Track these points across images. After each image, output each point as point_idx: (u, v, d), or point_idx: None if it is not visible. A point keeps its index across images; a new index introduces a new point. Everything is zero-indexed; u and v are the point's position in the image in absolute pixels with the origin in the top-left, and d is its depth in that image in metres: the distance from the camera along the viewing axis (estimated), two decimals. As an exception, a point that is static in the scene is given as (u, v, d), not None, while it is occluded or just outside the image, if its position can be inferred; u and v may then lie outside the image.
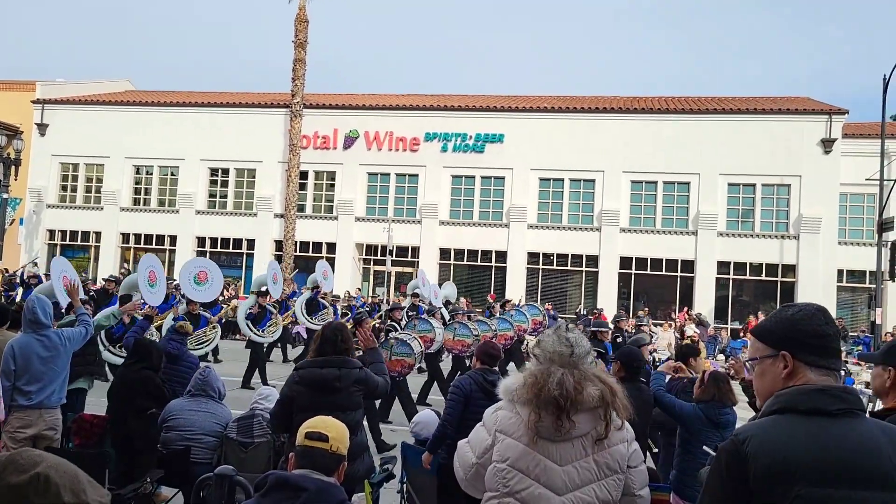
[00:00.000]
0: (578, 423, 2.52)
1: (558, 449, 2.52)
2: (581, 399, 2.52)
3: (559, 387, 2.51)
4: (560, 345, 2.64)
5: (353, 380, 4.32)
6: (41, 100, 29.61)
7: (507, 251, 26.44)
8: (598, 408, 2.53)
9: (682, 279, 25.47)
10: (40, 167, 29.29)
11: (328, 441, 2.58)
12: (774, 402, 1.84)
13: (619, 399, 2.58)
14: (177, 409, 6.00)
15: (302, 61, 27.61)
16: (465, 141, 26.87)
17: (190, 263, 11.13)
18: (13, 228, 27.39)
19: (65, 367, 5.79)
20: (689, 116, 25.71)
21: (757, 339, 1.98)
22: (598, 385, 2.56)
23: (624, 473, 2.58)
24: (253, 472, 4.81)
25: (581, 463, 2.52)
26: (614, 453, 2.56)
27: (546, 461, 2.51)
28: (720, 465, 1.80)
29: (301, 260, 27.39)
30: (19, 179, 26.99)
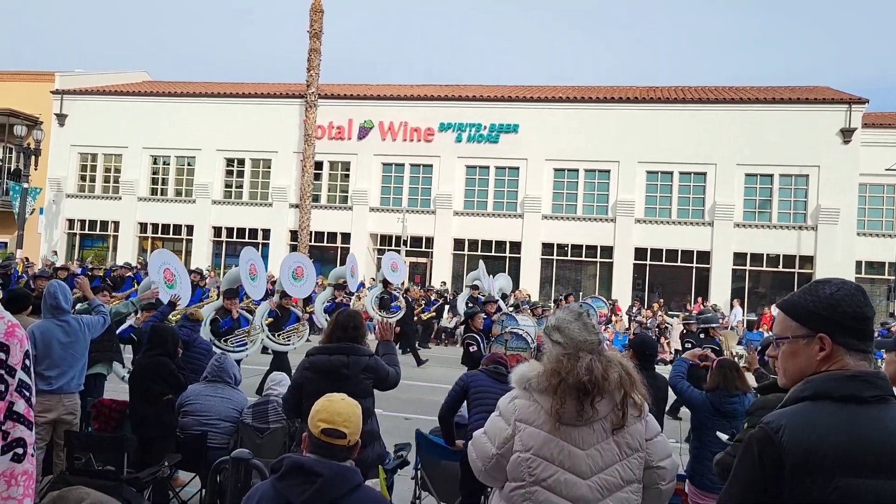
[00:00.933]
0: (599, 408, 2.53)
1: (580, 433, 2.53)
2: (606, 385, 2.52)
3: (588, 372, 2.51)
4: (589, 333, 2.63)
5: (362, 367, 4.34)
6: (60, 90, 29.85)
7: (521, 242, 26.41)
8: (617, 391, 2.54)
9: (698, 270, 25.34)
10: (60, 157, 29.57)
11: (345, 438, 2.60)
12: (805, 388, 1.75)
13: (637, 386, 2.58)
14: (193, 394, 6.09)
15: (317, 51, 27.63)
16: (479, 131, 26.82)
17: (289, 259, 11.05)
18: (33, 218, 27.70)
19: (84, 353, 5.89)
20: (705, 106, 25.51)
21: (789, 316, 1.84)
22: (617, 369, 2.57)
23: (644, 451, 2.59)
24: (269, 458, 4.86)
25: (603, 445, 2.53)
26: (633, 432, 2.57)
27: (569, 447, 2.52)
28: (752, 454, 1.71)
29: (316, 250, 27.51)
30: (39, 169, 27.31)
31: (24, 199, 25.49)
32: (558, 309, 2.88)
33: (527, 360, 9.06)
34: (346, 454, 2.60)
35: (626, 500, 2.55)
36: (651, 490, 2.63)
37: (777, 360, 1.90)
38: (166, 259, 8.73)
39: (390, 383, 4.54)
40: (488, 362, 5.68)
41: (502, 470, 2.61)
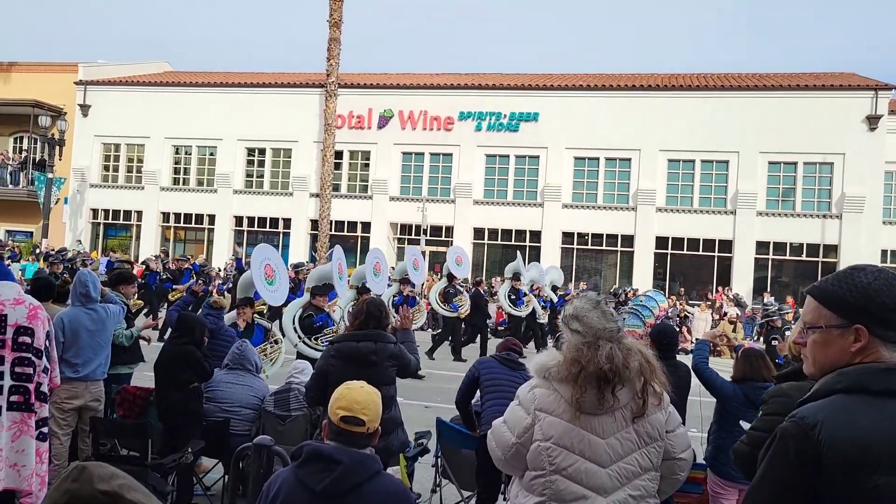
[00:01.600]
0: (620, 396, 2.53)
1: (600, 422, 2.53)
2: (627, 373, 2.53)
3: (609, 360, 2.51)
4: (608, 321, 2.63)
5: (388, 354, 4.39)
6: (84, 81, 30.12)
7: (541, 231, 26.33)
8: (637, 379, 2.54)
9: (720, 259, 25.12)
10: (83, 147, 29.88)
11: (364, 425, 2.61)
12: (839, 380, 1.67)
13: (657, 374, 2.58)
14: (215, 381, 6.16)
15: (337, 41, 27.63)
16: (499, 120, 26.72)
17: (370, 255, 11.06)
18: (58, 208, 28.05)
19: (108, 340, 5.98)
20: (728, 93, 25.20)
21: (823, 305, 1.75)
22: (637, 358, 2.57)
23: (663, 440, 2.59)
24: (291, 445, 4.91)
25: (623, 434, 2.54)
26: (653, 421, 2.58)
27: (589, 435, 2.52)
28: (786, 451, 1.62)
29: (336, 239, 27.57)
30: (63, 159, 27.62)
31: (48, 189, 25.83)
32: (576, 298, 2.88)
33: (640, 337, 8.72)
34: (366, 441, 2.62)
35: (643, 487, 2.56)
36: (669, 479, 2.64)
37: (804, 348, 1.82)
38: (267, 254, 8.43)
39: (411, 371, 4.59)
40: (501, 348, 5.64)
41: (522, 459, 2.63)
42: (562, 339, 2.74)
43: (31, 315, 4.35)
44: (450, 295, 14.77)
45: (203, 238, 29.52)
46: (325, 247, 26.44)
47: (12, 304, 4.29)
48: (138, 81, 30.66)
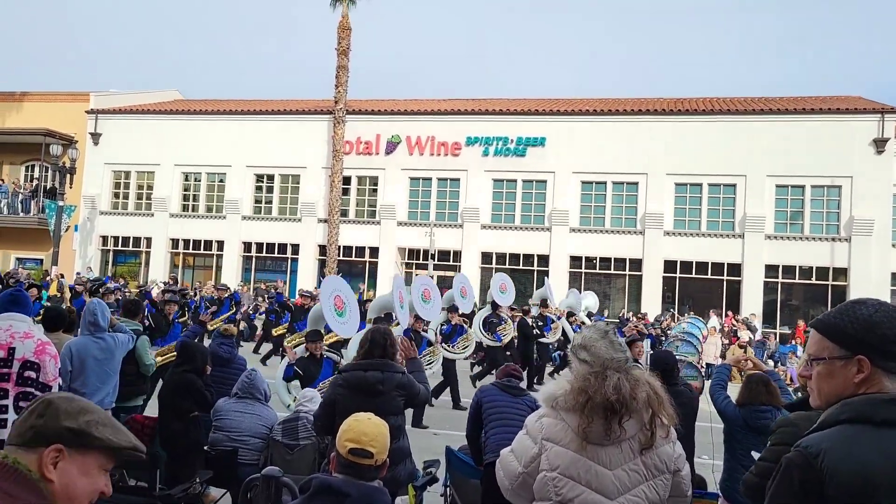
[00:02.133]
0: (627, 427, 2.52)
1: (607, 453, 2.52)
2: (634, 404, 2.51)
3: (616, 391, 2.50)
4: (615, 351, 2.62)
5: (396, 384, 4.35)
6: (95, 110, 30.48)
7: (549, 255, 26.31)
8: (645, 411, 2.53)
9: (729, 283, 25.01)
10: (94, 175, 30.15)
11: (372, 457, 2.61)
12: (843, 411, 1.70)
13: (665, 406, 2.57)
14: (224, 410, 6.14)
15: (345, 68, 27.92)
16: (506, 145, 26.85)
17: (417, 282, 10.73)
18: (68, 235, 28.22)
19: (116, 370, 5.98)
20: (734, 117, 25.28)
21: (826, 337, 1.80)
22: (645, 389, 2.56)
23: (671, 473, 2.57)
24: (299, 474, 4.90)
25: (630, 465, 2.52)
26: (661, 454, 2.56)
27: (596, 466, 2.51)
28: (791, 480, 1.66)
29: (344, 264, 27.67)
30: (74, 187, 27.86)
31: (59, 217, 26.02)
32: (585, 327, 2.87)
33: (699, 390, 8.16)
34: (374, 474, 2.61)
35: None
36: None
37: (810, 380, 1.86)
38: (338, 286, 8.29)
39: (420, 401, 4.56)
40: (501, 375, 5.58)
41: (529, 489, 2.62)
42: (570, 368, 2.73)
43: (39, 350, 4.32)
44: (493, 324, 14.23)
45: (212, 264, 29.62)
46: (333, 272, 26.47)
47: (22, 338, 4.24)
48: (149, 110, 31.00)
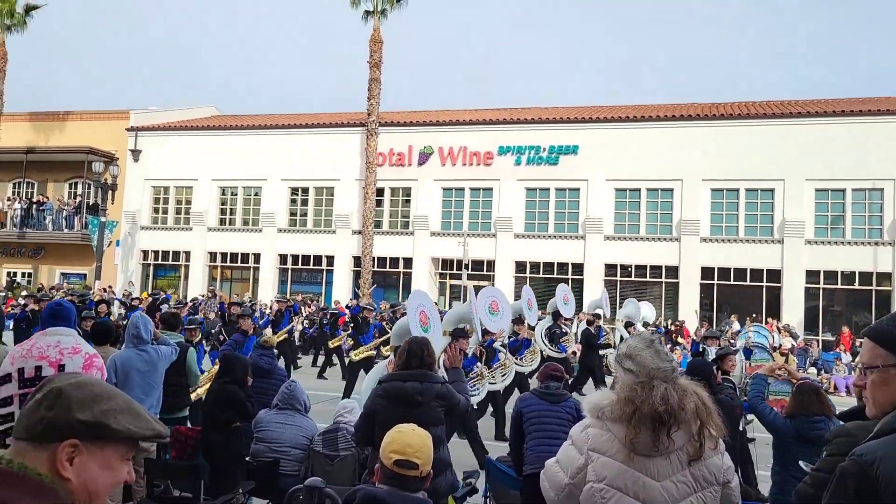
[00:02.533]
0: (675, 439, 2.49)
1: (655, 464, 2.49)
2: (682, 415, 2.48)
3: (664, 402, 2.47)
4: (662, 361, 2.58)
5: (435, 394, 4.34)
6: (134, 127, 31.16)
7: (583, 263, 26.15)
8: (693, 422, 2.50)
9: (769, 289, 24.57)
10: (134, 191, 30.81)
11: (418, 468, 2.63)
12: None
13: (713, 417, 2.53)
14: (265, 421, 6.20)
15: (377, 80, 28.16)
16: (538, 153, 26.80)
17: (483, 293, 10.47)
18: (110, 250, 28.84)
19: (160, 382, 6.10)
20: (770, 121, 24.90)
21: (879, 345, 1.80)
22: (693, 399, 2.53)
23: (721, 485, 2.54)
24: (339, 485, 4.94)
25: (678, 477, 2.49)
26: (710, 465, 2.52)
27: (644, 478, 2.48)
28: (846, 489, 1.64)
29: (379, 275, 27.84)
30: (115, 203, 28.51)
31: (101, 233, 26.64)
32: (631, 337, 2.85)
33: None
34: (419, 485, 2.63)
35: None
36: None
37: (864, 389, 1.85)
38: (422, 301, 8.22)
39: (460, 411, 4.51)
40: (543, 376, 5.49)
41: (575, 500, 2.60)
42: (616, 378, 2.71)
43: (87, 364, 4.38)
44: (556, 335, 14.06)
45: (249, 277, 30.03)
46: (368, 283, 26.65)
47: (70, 353, 4.28)
48: (186, 126, 31.62)
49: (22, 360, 4.18)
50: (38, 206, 31.02)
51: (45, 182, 32.44)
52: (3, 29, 29.73)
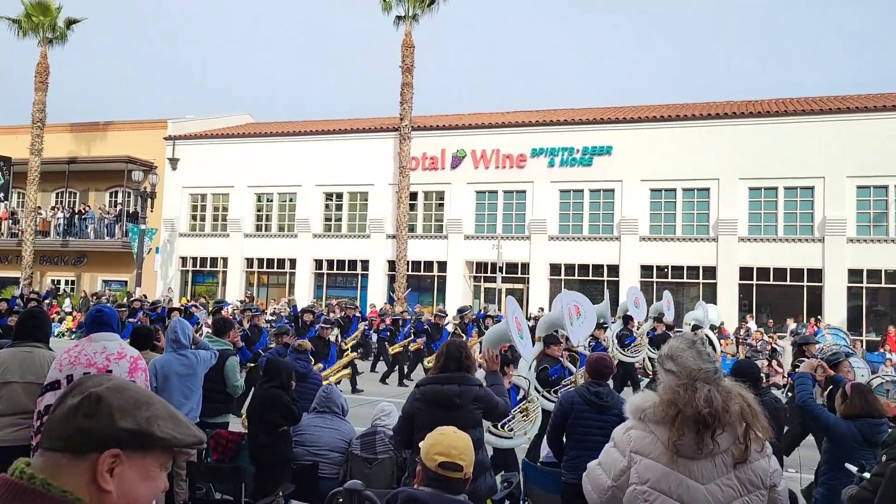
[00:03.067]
0: (720, 441, 2.45)
1: (699, 467, 2.45)
2: (727, 417, 2.45)
3: (707, 404, 2.43)
4: (704, 362, 2.55)
5: (473, 397, 4.34)
6: (172, 136, 31.73)
7: (619, 265, 25.93)
8: (738, 424, 2.46)
9: (809, 289, 24.08)
10: (172, 199, 31.36)
11: (462, 471, 2.63)
12: None
13: (759, 419, 2.49)
14: (303, 425, 6.26)
15: (409, 85, 28.29)
16: (572, 155, 26.65)
17: (567, 297, 9.83)
18: (150, 257, 29.42)
19: (199, 386, 6.20)
20: (808, 117, 24.42)
21: None
22: (738, 401, 2.49)
23: (767, 489, 2.49)
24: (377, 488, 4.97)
25: (723, 480, 2.45)
26: (756, 468, 2.48)
27: (688, 480, 2.45)
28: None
29: (413, 279, 27.93)
30: (155, 211, 29.10)
31: (141, 240, 27.19)
32: (673, 338, 2.82)
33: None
34: (462, 487, 2.63)
35: None
36: None
37: None
38: (515, 308, 7.80)
39: (498, 414, 4.50)
40: (590, 369, 5.18)
41: (618, 502, 2.58)
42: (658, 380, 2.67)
43: (133, 368, 4.46)
44: (628, 339, 13.72)
45: (285, 282, 30.36)
46: (402, 287, 26.76)
47: (116, 359, 4.32)
48: (222, 134, 32.11)
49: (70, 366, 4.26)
50: (80, 215, 31.78)
51: (86, 191, 33.22)
52: (45, 42, 30.53)
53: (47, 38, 30.53)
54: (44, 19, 30.23)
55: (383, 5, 28.67)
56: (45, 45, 30.55)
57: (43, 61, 30.48)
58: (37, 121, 30.12)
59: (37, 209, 30.82)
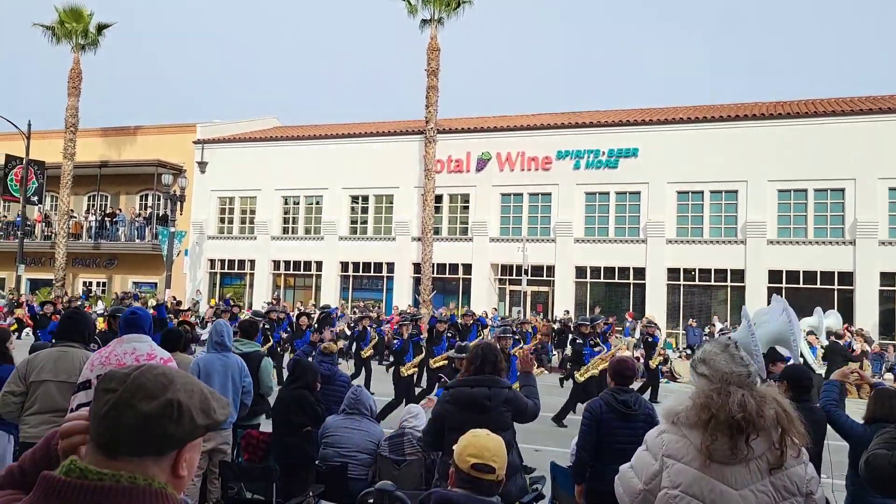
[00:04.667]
0: (754, 446, 2.43)
1: (733, 472, 2.43)
2: (762, 422, 2.42)
3: (741, 409, 2.41)
4: (736, 365, 2.53)
5: (503, 399, 4.36)
6: (201, 140, 32.10)
7: (645, 268, 25.75)
8: (773, 429, 2.44)
9: (840, 292, 23.73)
10: (201, 202, 31.74)
11: (495, 472, 2.64)
12: None
13: (795, 424, 2.46)
14: (332, 426, 6.33)
15: (434, 88, 28.38)
16: (597, 157, 26.53)
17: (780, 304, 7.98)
18: (179, 259, 29.78)
19: (238, 389, 6.32)
20: (839, 118, 24.06)
21: None
22: (773, 406, 2.46)
23: (804, 496, 2.47)
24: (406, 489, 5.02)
25: (758, 486, 2.42)
26: (792, 475, 2.45)
27: (721, 486, 2.42)
28: None
29: (438, 282, 27.98)
30: (184, 214, 29.48)
31: (171, 243, 27.56)
32: (707, 342, 2.82)
33: None
34: (495, 489, 2.66)
35: None
36: None
37: None
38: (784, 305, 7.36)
39: (529, 416, 4.48)
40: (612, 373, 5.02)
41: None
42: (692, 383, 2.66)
43: None
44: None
45: (311, 284, 30.59)
46: (428, 290, 26.82)
47: (146, 360, 4.43)
48: (249, 137, 32.45)
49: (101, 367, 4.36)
50: (111, 218, 32.31)
51: (117, 195, 33.77)
52: (77, 48, 31.11)
53: (80, 44, 31.10)
54: (76, 25, 30.81)
55: (409, 9, 28.80)
56: (78, 51, 31.12)
57: (76, 67, 31.06)
58: (70, 126, 30.71)
59: (70, 212, 31.39)
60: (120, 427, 1.31)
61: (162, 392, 1.32)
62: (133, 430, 1.30)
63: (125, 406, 1.31)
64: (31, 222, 32.58)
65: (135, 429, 1.30)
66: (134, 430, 1.30)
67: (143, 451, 1.31)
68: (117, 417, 1.30)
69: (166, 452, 1.33)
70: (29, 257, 31.20)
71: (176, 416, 1.31)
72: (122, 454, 1.31)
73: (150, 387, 1.32)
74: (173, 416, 1.31)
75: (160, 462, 1.33)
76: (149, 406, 1.30)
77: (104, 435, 1.32)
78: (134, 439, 1.30)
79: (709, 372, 2.55)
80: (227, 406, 1.43)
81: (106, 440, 1.32)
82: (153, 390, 1.32)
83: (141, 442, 1.31)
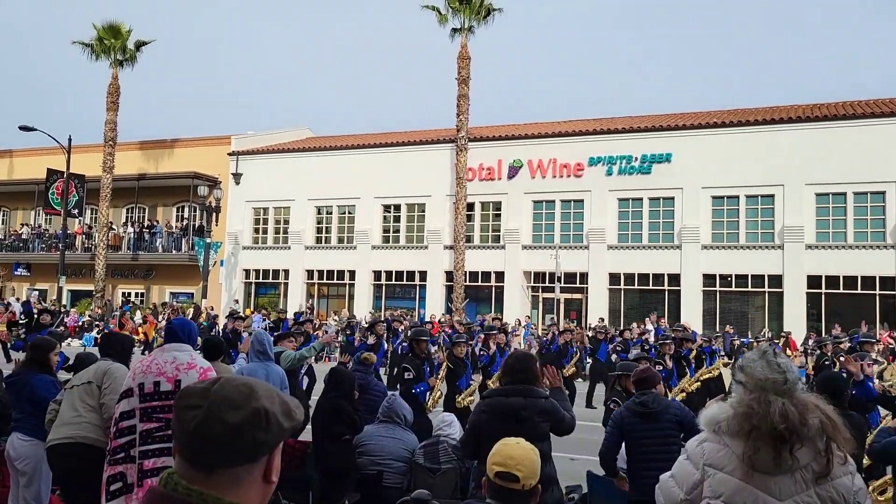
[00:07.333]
0: (799, 456, 2.37)
1: (776, 483, 2.37)
2: (805, 431, 2.36)
3: (783, 419, 2.35)
4: (772, 371, 2.49)
5: (539, 409, 4.33)
6: (235, 152, 32.55)
7: (680, 274, 25.43)
8: (818, 438, 2.38)
9: (882, 298, 23.17)
10: (236, 213, 32.18)
11: (519, 481, 2.61)
12: None
13: (840, 431, 2.40)
14: (368, 435, 6.36)
15: (465, 97, 28.45)
16: (630, 163, 26.32)
17: None
18: (215, 270, 30.21)
19: (275, 397, 6.43)
20: (877, 120, 23.54)
21: None
22: (816, 414, 2.40)
23: None
24: (441, 497, 5.02)
25: (803, 497, 2.36)
26: (838, 486, 2.38)
27: (765, 496, 2.38)
28: None
29: (471, 290, 27.95)
30: (219, 225, 29.93)
31: (207, 253, 27.97)
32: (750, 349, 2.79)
33: None
34: (525, 499, 2.61)
35: None
36: None
37: None
38: None
39: (566, 428, 4.46)
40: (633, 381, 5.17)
41: None
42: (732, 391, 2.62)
43: (202, 378, 4.57)
44: None
45: (345, 293, 30.78)
46: (460, 298, 26.82)
47: (186, 369, 4.39)
48: (282, 148, 32.84)
49: (142, 375, 4.43)
50: (149, 230, 32.92)
51: (154, 207, 34.41)
52: (115, 64, 31.82)
53: (118, 61, 31.80)
54: (115, 42, 31.52)
55: (439, 18, 28.94)
56: (116, 67, 31.83)
57: (114, 82, 31.77)
58: (108, 140, 31.40)
59: (109, 224, 32.05)
60: (212, 440, 1.33)
61: (247, 402, 1.35)
62: (225, 441, 1.32)
63: (214, 420, 1.33)
64: (72, 235, 33.31)
65: (227, 440, 1.32)
66: (226, 442, 1.32)
67: (236, 460, 1.34)
68: (208, 431, 1.33)
69: (258, 459, 1.36)
70: (70, 269, 31.89)
71: (265, 424, 1.34)
72: (216, 466, 1.34)
73: (234, 398, 1.35)
74: (262, 424, 1.34)
75: (252, 470, 1.36)
76: (237, 416, 1.33)
77: (196, 450, 1.35)
78: (227, 451, 1.33)
79: (745, 379, 2.52)
80: (300, 407, 1.46)
81: (198, 455, 1.35)
82: (238, 401, 1.35)
83: (235, 452, 1.33)
